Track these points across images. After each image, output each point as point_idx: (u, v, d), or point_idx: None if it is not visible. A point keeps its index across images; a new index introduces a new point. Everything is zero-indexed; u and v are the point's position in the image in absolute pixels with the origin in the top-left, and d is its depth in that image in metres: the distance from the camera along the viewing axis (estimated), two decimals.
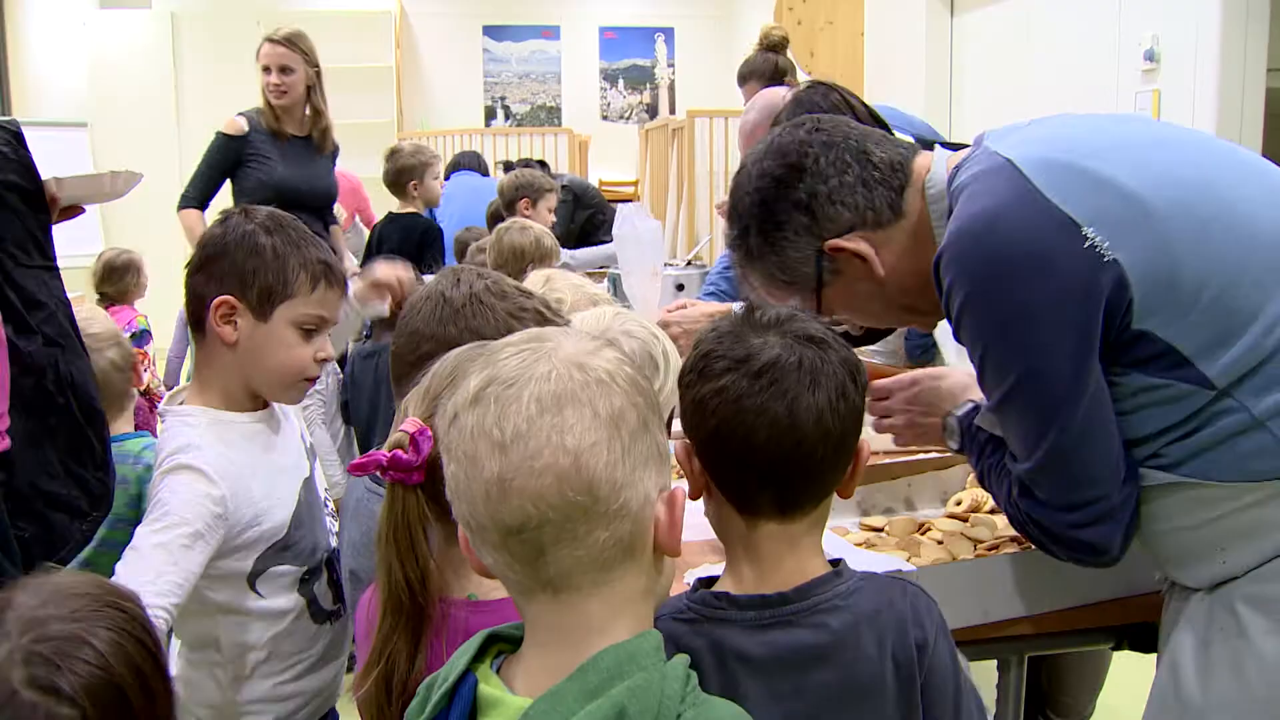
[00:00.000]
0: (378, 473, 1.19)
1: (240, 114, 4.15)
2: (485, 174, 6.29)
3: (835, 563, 1.19)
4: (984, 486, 1.55)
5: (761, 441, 1.11)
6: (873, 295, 1.51)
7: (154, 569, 1.44)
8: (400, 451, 1.17)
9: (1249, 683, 1.29)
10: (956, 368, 1.70)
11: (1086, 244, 1.25)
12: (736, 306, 1.24)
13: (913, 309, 1.55)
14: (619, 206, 3.57)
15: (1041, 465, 1.33)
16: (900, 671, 1.13)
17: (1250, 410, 1.26)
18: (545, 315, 1.61)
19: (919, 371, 1.72)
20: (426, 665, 1.22)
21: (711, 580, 1.21)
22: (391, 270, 2.47)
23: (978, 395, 1.59)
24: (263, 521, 1.60)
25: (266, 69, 4.06)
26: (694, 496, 1.19)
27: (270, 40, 4.07)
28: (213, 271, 1.61)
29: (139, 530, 1.49)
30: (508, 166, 6.56)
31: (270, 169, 4.09)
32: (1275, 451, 1.26)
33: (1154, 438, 1.31)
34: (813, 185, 1.45)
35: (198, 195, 4.14)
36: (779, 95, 3.38)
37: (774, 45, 4.29)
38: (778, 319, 1.19)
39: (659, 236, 3.36)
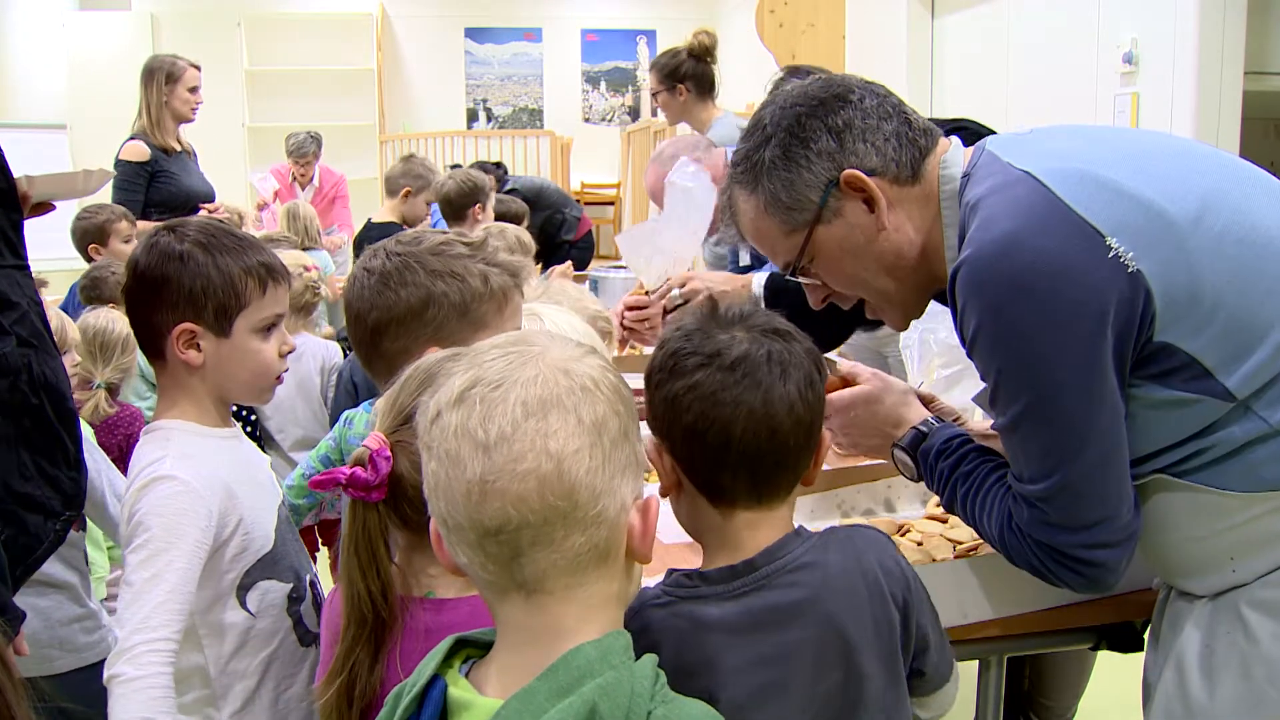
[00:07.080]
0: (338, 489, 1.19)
1: (133, 139, 4.60)
2: None
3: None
4: (956, 513, 1.50)
5: (739, 433, 1.15)
6: (863, 250, 1.46)
7: (151, 603, 1.41)
8: (359, 469, 1.18)
9: (1257, 686, 1.29)
10: (892, 383, 1.61)
11: (1111, 254, 1.23)
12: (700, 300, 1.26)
13: (894, 275, 1.49)
14: (681, 158, 3.18)
15: (1060, 486, 1.29)
16: (879, 617, 1.20)
17: (1267, 420, 1.26)
18: (472, 244, 1.66)
19: (854, 392, 1.61)
20: (385, 665, 1.22)
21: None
22: None
23: (915, 415, 1.57)
24: (250, 529, 1.56)
25: (194, 89, 4.66)
26: (665, 494, 1.21)
27: (195, 66, 4.71)
28: (158, 301, 1.57)
29: (128, 559, 1.46)
30: (483, 169, 6.49)
31: (178, 181, 4.63)
32: None
33: (1172, 448, 1.30)
34: (851, 117, 1.44)
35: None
36: (691, 140, 3.35)
37: (694, 52, 4.30)
38: (741, 315, 1.23)
39: (710, 198, 2.92)
